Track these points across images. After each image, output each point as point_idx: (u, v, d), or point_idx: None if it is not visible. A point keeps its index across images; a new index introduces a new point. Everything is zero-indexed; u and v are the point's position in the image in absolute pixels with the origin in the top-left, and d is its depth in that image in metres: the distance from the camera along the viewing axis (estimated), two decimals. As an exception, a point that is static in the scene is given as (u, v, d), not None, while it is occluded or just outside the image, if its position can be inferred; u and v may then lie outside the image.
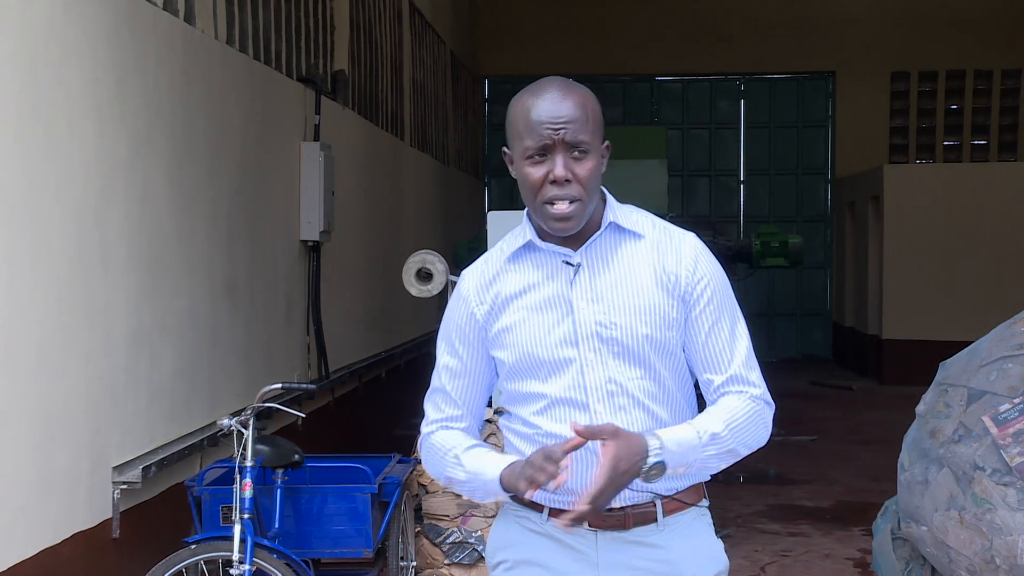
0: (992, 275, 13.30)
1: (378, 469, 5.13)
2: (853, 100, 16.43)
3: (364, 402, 9.09)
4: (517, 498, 2.44)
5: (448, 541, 5.35)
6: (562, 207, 2.35)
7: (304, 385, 5.17)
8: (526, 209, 2.48)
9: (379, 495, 4.90)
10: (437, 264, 6.86)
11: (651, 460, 2.26)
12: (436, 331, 2.59)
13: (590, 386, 2.38)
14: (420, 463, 5.43)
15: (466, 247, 9.29)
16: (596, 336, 2.39)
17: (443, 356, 2.53)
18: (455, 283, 7.83)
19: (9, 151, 3.93)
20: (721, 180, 17.05)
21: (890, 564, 3.88)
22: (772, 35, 16.30)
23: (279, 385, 4.62)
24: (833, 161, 16.77)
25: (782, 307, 16.80)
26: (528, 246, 2.46)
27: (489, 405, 2.66)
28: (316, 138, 7.63)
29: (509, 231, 2.51)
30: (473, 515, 5.33)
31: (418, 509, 5.44)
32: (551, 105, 2.35)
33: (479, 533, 5.32)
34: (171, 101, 5.31)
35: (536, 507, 2.44)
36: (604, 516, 2.39)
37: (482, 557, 5.32)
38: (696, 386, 2.52)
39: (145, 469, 4.77)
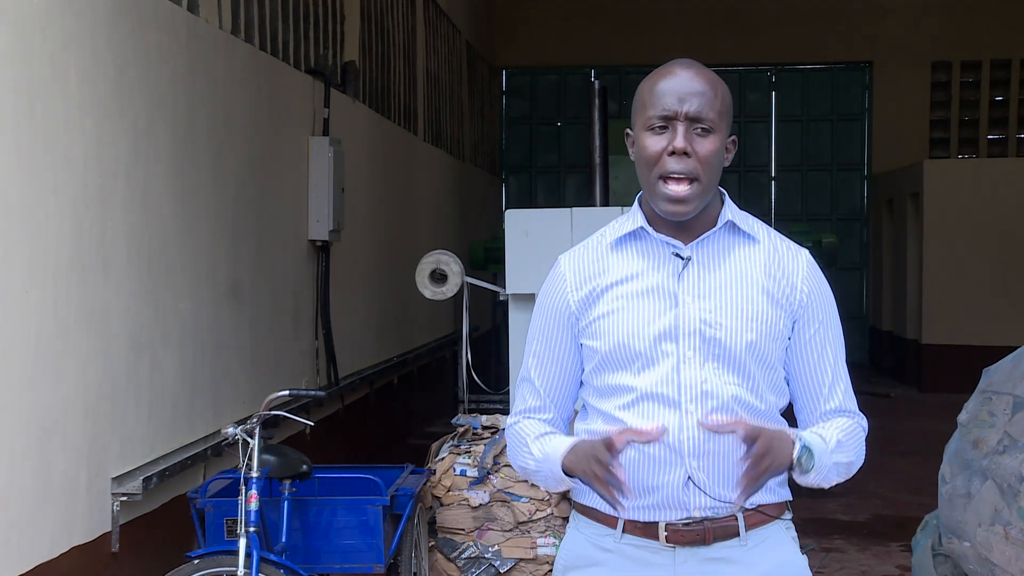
0: (1039, 276, 13.25)
1: (390, 480, 5.14)
2: (891, 91, 16.37)
3: (375, 410, 9.10)
4: (586, 508, 2.44)
5: (463, 556, 5.35)
6: (678, 189, 2.34)
7: (312, 392, 5.19)
8: (638, 194, 2.47)
9: (391, 508, 4.90)
10: (452, 265, 6.87)
11: (799, 446, 2.29)
12: (450, 335, 2.59)
13: (684, 384, 2.36)
14: (434, 474, 5.44)
15: (482, 247, 9.28)
16: (699, 334, 2.37)
17: (531, 343, 2.53)
18: (471, 284, 7.85)
19: (4, 147, 3.95)
20: (751, 176, 17.01)
21: (931, 582, 3.86)
22: (805, 23, 16.26)
23: (286, 392, 4.63)
24: (870, 156, 16.70)
25: (816, 310, 16.74)
26: (635, 233, 2.45)
27: None
28: (325, 133, 7.65)
29: (527, 230, 2.50)
30: (490, 529, 5.33)
31: (432, 522, 5.44)
32: (679, 77, 2.36)
33: (496, 548, 5.32)
34: (173, 94, 5.33)
35: (609, 521, 2.41)
36: (683, 531, 2.37)
37: (499, 573, 5.32)
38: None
39: (146, 480, 4.79)
